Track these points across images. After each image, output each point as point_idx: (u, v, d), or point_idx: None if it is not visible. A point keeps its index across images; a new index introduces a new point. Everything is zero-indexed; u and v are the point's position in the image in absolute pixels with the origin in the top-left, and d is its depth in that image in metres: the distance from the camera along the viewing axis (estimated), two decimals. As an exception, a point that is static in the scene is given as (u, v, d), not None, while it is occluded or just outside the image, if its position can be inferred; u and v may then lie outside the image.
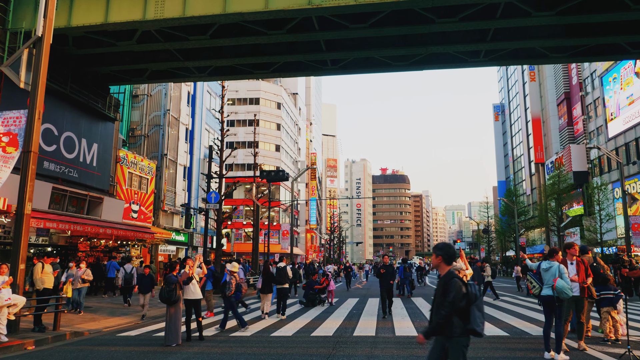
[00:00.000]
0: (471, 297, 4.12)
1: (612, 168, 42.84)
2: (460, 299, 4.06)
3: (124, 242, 24.84)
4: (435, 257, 4.39)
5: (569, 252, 8.73)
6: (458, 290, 4.07)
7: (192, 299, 9.75)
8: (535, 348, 8.62)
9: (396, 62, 21.04)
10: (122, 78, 23.44)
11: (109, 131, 24.37)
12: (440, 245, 4.43)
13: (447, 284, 4.14)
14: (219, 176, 23.46)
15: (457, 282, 4.11)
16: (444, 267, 4.33)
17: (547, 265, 7.91)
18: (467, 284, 4.17)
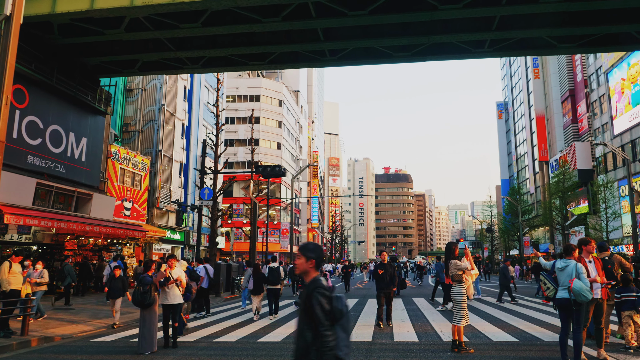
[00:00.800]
0: (335, 313, 3.12)
1: (617, 166, 41.85)
2: (324, 313, 3.08)
3: (114, 241, 24.00)
4: (304, 261, 3.31)
5: (586, 248, 7.81)
6: (322, 305, 3.09)
7: (172, 304, 8.88)
8: (550, 357, 7.73)
9: (397, 53, 20.14)
10: (112, 69, 22.58)
11: (99, 125, 23.53)
12: (310, 247, 3.40)
13: (310, 297, 3.15)
14: (214, 172, 22.60)
15: (323, 293, 3.12)
16: (312, 273, 3.32)
17: (562, 264, 7.01)
18: (331, 297, 3.15)
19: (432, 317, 13.13)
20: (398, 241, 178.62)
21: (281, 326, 11.76)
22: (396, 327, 11.25)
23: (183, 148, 33.95)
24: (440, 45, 19.89)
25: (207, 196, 20.92)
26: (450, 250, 8.31)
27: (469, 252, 8.31)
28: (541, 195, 60.02)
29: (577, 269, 6.84)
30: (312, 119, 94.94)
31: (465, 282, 8.11)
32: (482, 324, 11.50)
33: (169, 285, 8.73)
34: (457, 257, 8.28)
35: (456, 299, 8.03)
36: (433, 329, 10.80)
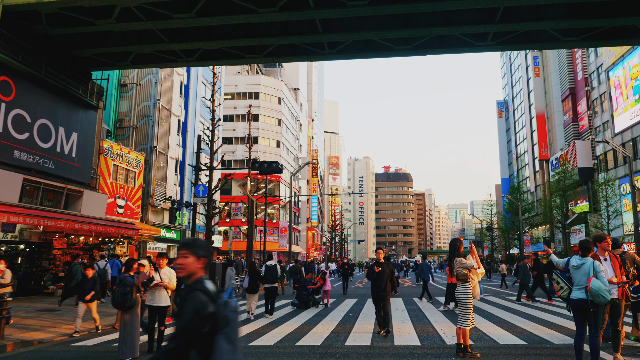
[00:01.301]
0: (219, 320, 2.56)
1: (618, 164, 41.32)
2: (202, 323, 2.52)
3: (106, 239, 23.41)
4: (194, 260, 2.73)
5: (601, 245, 7.22)
6: (199, 308, 2.54)
7: (157, 306, 8.29)
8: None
9: (398, 46, 19.52)
10: (104, 62, 21.93)
11: (91, 120, 22.91)
12: (201, 243, 2.84)
13: (185, 299, 2.61)
14: (209, 168, 21.98)
15: (199, 296, 2.57)
16: (198, 274, 2.74)
17: (578, 261, 6.41)
18: (215, 302, 2.59)
19: (433, 317, 12.55)
20: (398, 240, 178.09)
21: (276, 328, 11.18)
22: (397, 328, 10.67)
23: (179, 145, 33.35)
24: (441, 38, 19.31)
25: (201, 193, 20.30)
26: (454, 247, 7.71)
27: (475, 250, 7.72)
28: (541, 193, 59.48)
29: (595, 267, 6.25)
30: (312, 117, 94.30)
31: (470, 282, 7.52)
32: (487, 325, 10.92)
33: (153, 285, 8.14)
34: (462, 254, 7.69)
35: (461, 299, 7.44)
36: (435, 331, 10.22)
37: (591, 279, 6.19)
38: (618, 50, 40.50)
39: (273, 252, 47.80)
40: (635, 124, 38.11)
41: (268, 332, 10.45)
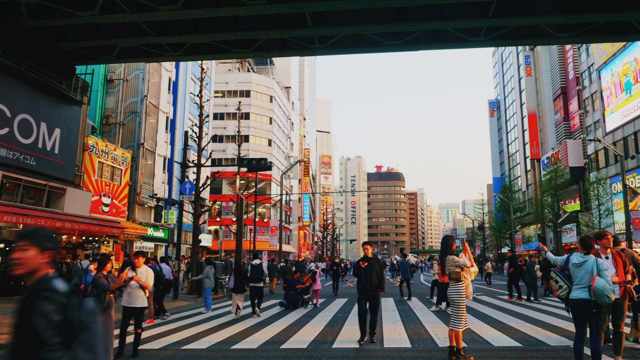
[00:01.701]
0: (73, 326, 2.13)
1: (609, 163, 41.24)
2: (50, 328, 2.07)
3: (90, 238, 22.83)
4: (36, 253, 2.24)
5: (602, 243, 6.87)
6: (46, 313, 2.08)
7: (133, 307, 7.82)
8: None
9: (389, 41, 19.14)
10: (88, 56, 21.36)
11: (75, 115, 22.32)
12: (45, 233, 2.33)
13: (29, 302, 2.14)
14: (196, 165, 21.49)
15: (50, 298, 2.13)
16: (43, 270, 2.27)
17: (580, 259, 6.03)
18: (65, 304, 2.15)
19: (425, 318, 12.16)
20: (390, 239, 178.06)
21: (261, 330, 10.74)
22: (387, 330, 10.26)
23: (167, 142, 32.76)
24: (434, 33, 18.96)
25: (188, 190, 19.80)
26: (446, 244, 7.30)
27: (468, 247, 7.32)
28: (533, 193, 59.44)
29: (599, 265, 5.88)
30: (304, 116, 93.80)
31: (463, 281, 7.13)
32: (481, 326, 10.54)
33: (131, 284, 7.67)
34: (454, 252, 7.29)
35: (454, 299, 7.04)
36: (427, 333, 9.82)
37: (595, 278, 5.81)
38: (609, 49, 40.42)
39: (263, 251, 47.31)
40: (626, 123, 38.03)
41: (252, 334, 10.00)
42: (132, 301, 7.83)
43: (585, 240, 6.12)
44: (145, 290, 7.81)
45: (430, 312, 13.65)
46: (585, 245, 6.06)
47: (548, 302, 16.85)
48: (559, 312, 13.38)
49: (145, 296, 7.88)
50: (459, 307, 6.96)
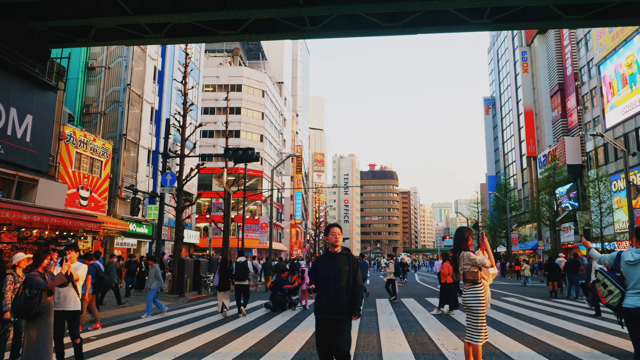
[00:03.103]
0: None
1: (609, 160, 40.18)
2: None
3: (64, 233, 21.32)
4: None
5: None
6: None
7: (65, 310, 6.46)
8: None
9: (386, 23, 17.81)
10: (64, 38, 19.86)
11: (49, 102, 20.81)
12: None
13: None
14: (179, 156, 20.07)
15: None
16: None
17: (635, 255, 4.73)
18: None
19: (427, 323, 10.82)
20: (383, 238, 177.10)
21: (240, 336, 9.39)
22: (385, 338, 8.92)
23: (152, 134, 31.27)
24: (434, 14, 17.66)
25: (169, 182, 18.39)
26: (461, 238, 5.89)
27: (488, 243, 5.98)
28: (529, 191, 58.46)
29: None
30: (297, 113, 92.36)
31: (482, 283, 5.81)
32: (493, 334, 9.21)
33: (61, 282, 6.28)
34: (470, 248, 5.95)
35: (471, 306, 5.69)
36: (431, 341, 8.50)
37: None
38: (610, 43, 39.37)
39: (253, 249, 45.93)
40: (627, 119, 36.98)
41: (229, 343, 8.64)
42: (62, 303, 6.46)
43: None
44: (78, 290, 6.44)
45: (432, 315, 12.34)
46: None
47: (555, 304, 15.62)
48: (572, 315, 12.14)
49: (78, 298, 6.51)
50: (477, 316, 5.62)
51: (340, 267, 4.96)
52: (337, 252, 5.07)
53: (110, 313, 13.19)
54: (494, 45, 78.04)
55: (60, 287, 6.29)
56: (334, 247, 5.07)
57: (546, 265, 21.59)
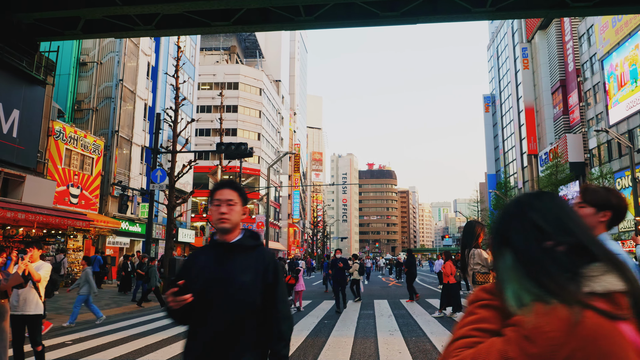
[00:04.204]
0: None
1: (612, 157, 39.53)
2: None
3: (52, 232, 20.67)
4: None
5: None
6: None
7: (24, 315, 5.79)
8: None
9: (385, 12, 17.15)
10: (52, 30, 19.18)
11: (37, 97, 20.13)
12: None
13: None
14: (170, 152, 19.39)
15: None
16: None
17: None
18: None
19: (429, 327, 10.16)
20: (381, 238, 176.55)
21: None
22: (383, 343, 8.26)
23: (146, 131, 30.57)
24: (434, 2, 17.01)
25: (159, 179, 17.70)
26: (471, 232, 5.10)
27: None
28: (530, 189, 57.82)
29: None
30: (294, 111, 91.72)
31: (493, 285, 5.12)
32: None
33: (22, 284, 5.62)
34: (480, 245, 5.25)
35: (481, 311, 5.01)
36: (434, 348, 7.84)
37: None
38: (613, 37, 38.74)
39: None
40: (631, 115, 36.32)
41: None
42: (21, 307, 5.78)
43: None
44: (39, 292, 5.77)
45: (433, 318, 11.68)
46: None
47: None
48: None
49: (40, 300, 5.84)
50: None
51: (235, 275, 2.22)
52: (233, 243, 2.30)
53: (92, 316, 12.51)
54: (493, 42, 77.42)
55: (18, 289, 5.61)
56: (223, 232, 2.29)
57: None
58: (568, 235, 1.01)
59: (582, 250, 0.99)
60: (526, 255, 1.00)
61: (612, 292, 0.94)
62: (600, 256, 0.98)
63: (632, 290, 0.95)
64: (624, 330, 0.90)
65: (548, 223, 1.02)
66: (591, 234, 1.05)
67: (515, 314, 0.94)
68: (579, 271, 0.96)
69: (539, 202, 1.07)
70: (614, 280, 0.95)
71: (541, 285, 0.94)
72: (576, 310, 0.88)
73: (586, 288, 0.93)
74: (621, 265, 0.98)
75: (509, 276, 1.00)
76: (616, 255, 1.01)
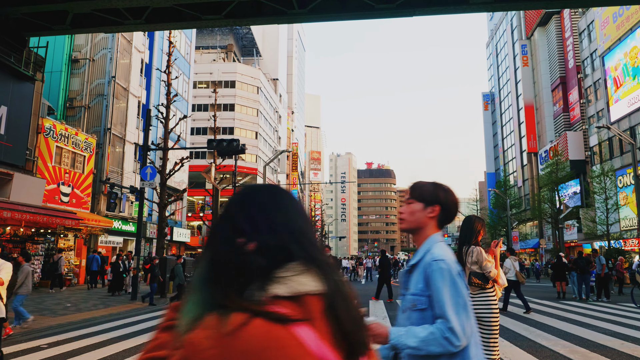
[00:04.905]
0: None
1: (614, 155, 39.07)
2: None
3: (42, 230, 20.20)
4: None
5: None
6: None
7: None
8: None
9: (380, 4, 16.69)
10: (40, 25, 18.73)
11: (27, 93, 19.66)
12: None
13: None
14: (162, 148, 18.93)
15: None
16: None
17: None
18: None
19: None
20: (380, 237, 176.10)
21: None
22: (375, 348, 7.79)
23: (139, 128, 30.07)
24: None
25: (149, 176, 17.23)
26: (471, 228, 4.62)
27: (498, 253, 4.78)
28: (529, 188, 57.42)
29: None
30: (292, 110, 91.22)
31: (493, 287, 4.67)
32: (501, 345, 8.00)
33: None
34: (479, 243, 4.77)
35: (481, 316, 4.53)
36: (429, 352, 7.36)
37: None
38: (614, 33, 38.29)
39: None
40: (633, 112, 35.86)
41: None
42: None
43: None
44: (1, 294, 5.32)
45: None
46: None
47: (566, 307, 14.53)
48: (589, 321, 11.03)
49: (2, 303, 5.39)
50: (489, 329, 4.45)
51: None
52: None
53: (75, 317, 12.05)
54: (492, 39, 76.96)
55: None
56: None
57: (553, 264, 20.36)
58: (268, 234, 0.90)
59: (281, 249, 0.88)
60: (215, 257, 0.89)
61: (302, 294, 0.85)
62: (297, 255, 0.89)
63: (329, 292, 0.87)
64: (303, 337, 0.79)
65: (248, 220, 0.91)
66: (302, 233, 0.94)
67: (188, 332, 0.79)
68: (269, 273, 0.85)
69: (252, 198, 0.96)
70: (307, 280, 0.86)
71: (215, 292, 0.83)
72: (240, 320, 0.76)
73: (272, 291, 0.83)
74: (323, 264, 0.90)
75: (195, 285, 0.87)
76: (320, 255, 0.94)
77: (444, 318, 1.83)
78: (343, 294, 0.90)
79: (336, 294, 0.89)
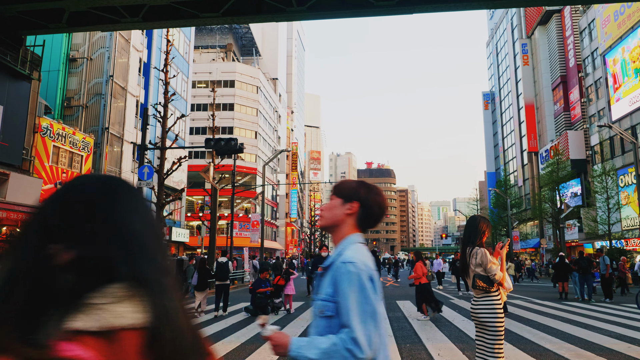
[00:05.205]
0: None
1: (615, 154, 38.87)
2: None
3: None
4: None
5: None
6: None
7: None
8: None
9: (380, 2, 16.50)
10: (36, 24, 18.52)
11: (23, 92, 19.48)
12: None
13: None
14: (159, 148, 18.74)
15: None
16: None
17: None
18: None
19: (425, 333, 9.45)
20: (380, 237, 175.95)
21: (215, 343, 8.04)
22: (375, 350, 7.60)
23: (137, 128, 29.87)
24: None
25: (146, 176, 17.03)
26: (475, 228, 4.46)
27: (504, 254, 4.57)
28: (530, 187, 57.22)
29: None
30: (292, 109, 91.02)
31: (499, 291, 4.48)
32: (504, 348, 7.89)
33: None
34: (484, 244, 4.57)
35: (485, 320, 4.34)
36: (430, 357, 7.16)
37: None
38: (615, 31, 38.09)
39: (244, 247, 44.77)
40: (634, 110, 35.65)
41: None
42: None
43: None
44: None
45: (430, 322, 11.01)
46: None
47: (568, 307, 14.34)
48: (593, 323, 10.84)
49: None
50: (493, 334, 4.27)
51: None
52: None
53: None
54: (492, 38, 76.75)
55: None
56: None
57: (554, 264, 20.11)
58: (89, 243, 0.70)
59: (103, 265, 0.70)
60: (9, 271, 0.68)
61: (116, 328, 0.66)
62: (122, 274, 0.70)
63: (154, 323, 0.70)
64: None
65: (68, 221, 0.71)
66: (139, 244, 0.75)
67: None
68: (78, 297, 0.66)
69: (79, 191, 0.78)
70: (125, 311, 0.68)
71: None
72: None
73: (74, 324, 0.65)
74: (154, 286, 0.73)
75: None
76: (156, 273, 0.78)
77: (349, 327, 1.61)
78: (173, 324, 0.71)
79: (163, 325, 0.70)
